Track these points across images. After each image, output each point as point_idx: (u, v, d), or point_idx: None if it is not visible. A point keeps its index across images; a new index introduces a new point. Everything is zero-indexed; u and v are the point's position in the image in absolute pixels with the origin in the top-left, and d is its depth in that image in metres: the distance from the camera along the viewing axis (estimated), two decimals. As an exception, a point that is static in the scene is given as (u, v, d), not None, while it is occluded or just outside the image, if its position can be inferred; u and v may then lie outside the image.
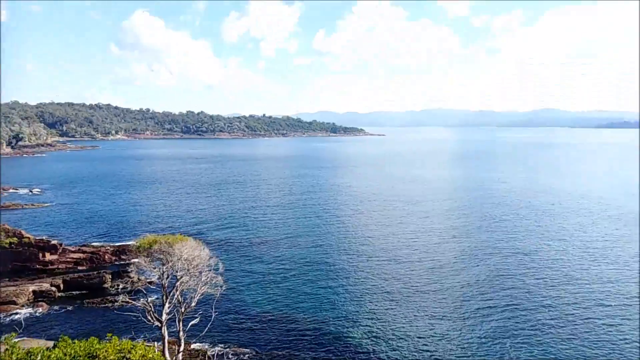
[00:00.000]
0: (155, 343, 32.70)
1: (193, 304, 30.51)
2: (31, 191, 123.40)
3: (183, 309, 30.46)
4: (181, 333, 29.96)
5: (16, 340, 36.95)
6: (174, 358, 30.17)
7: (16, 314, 48.56)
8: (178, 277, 30.64)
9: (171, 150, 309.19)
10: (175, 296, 30.10)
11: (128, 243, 72.02)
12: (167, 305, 29.41)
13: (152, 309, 29.02)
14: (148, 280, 55.53)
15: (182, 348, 30.03)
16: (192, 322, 32.18)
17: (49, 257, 64.25)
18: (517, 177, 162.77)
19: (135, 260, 35.40)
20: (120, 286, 55.39)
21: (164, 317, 28.91)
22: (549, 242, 76.86)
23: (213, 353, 38.57)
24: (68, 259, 65.30)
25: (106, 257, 66.80)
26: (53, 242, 67.57)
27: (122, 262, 64.54)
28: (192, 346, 40.19)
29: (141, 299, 30.83)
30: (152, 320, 28.66)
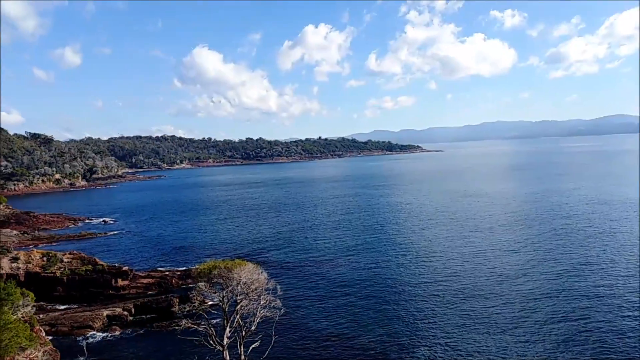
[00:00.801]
0: (219, 366, 33.57)
1: (253, 328, 31.18)
2: (104, 221, 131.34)
3: (244, 333, 31.19)
4: (243, 357, 30.63)
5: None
6: (237, 381, 30.83)
7: (92, 337, 51.50)
8: (238, 301, 31.50)
9: (232, 176, 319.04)
10: (236, 320, 30.92)
11: (194, 267, 74.69)
12: (228, 329, 30.27)
13: (214, 333, 29.97)
14: (210, 304, 57.25)
15: (244, 371, 30.66)
16: (253, 345, 32.79)
17: (121, 282, 67.83)
18: (583, 187, 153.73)
19: (198, 284, 36.78)
20: (187, 309, 57.43)
21: (225, 341, 29.76)
22: (625, 254, 71.73)
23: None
24: (138, 284, 68.61)
25: (173, 281, 69.61)
26: (124, 268, 71.32)
27: (189, 286, 66.94)
28: (255, 369, 40.80)
29: (203, 323, 31.89)
30: (214, 345, 29.59)
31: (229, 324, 30.99)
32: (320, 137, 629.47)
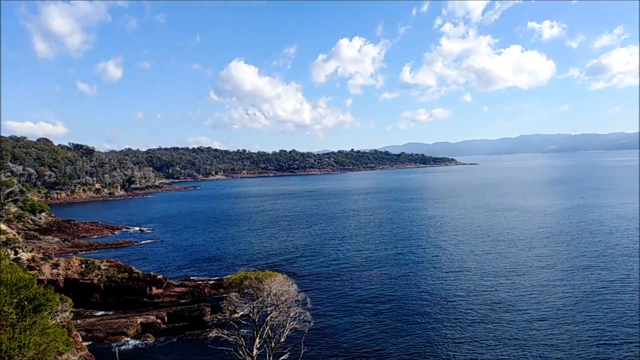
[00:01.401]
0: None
1: (282, 339, 31.09)
2: (140, 230, 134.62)
3: (273, 344, 31.13)
4: (271, 368, 30.54)
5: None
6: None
7: (126, 344, 52.54)
8: (268, 312, 31.55)
9: (265, 187, 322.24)
10: (266, 331, 30.95)
11: (226, 277, 75.30)
12: (257, 340, 30.29)
13: (244, 344, 30.05)
14: (240, 315, 57.55)
15: (273, 383, 30.54)
16: (282, 357, 32.70)
17: (155, 291, 69.06)
18: (625, 203, 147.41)
19: (229, 294, 37.02)
20: (218, 319, 57.80)
21: (255, 352, 29.76)
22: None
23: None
24: (172, 293, 69.71)
25: (206, 290, 70.38)
26: (159, 276, 72.60)
27: (220, 296, 67.54)
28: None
29: (233, 333, 32.05)
30: (243, 355, 29.65)
31: (258, 335, 31.02)
32: (352, 150, 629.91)
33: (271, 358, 30.60)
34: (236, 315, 57.66)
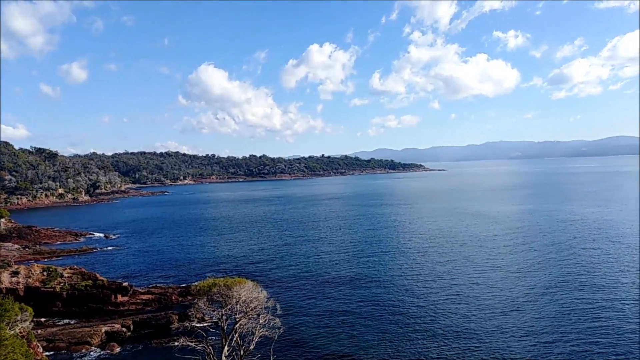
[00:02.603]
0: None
1: (252, 347, 30.81)
2: (106, 236, 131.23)
3: (242, 352, 30.81)
4: (240, 376, 30.19)
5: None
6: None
7: (90, 354, 50.93)
8: (237, 320, 31.21)
9: (234, 192, 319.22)
10: (234, 339, 30.59)
11: (194, 284, 74.15)
12: (226, 348, 29.92)
13: (212, 352, 29.63)
14: (209, 322, 56.78)
15: (241, 391, 30.19)
16: (251, 365, 32.41)
17: (120, 298, 67.43)
18: (587, 209, 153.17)
19: (197, 302, 36.49)
20: (185, 327, 56.86)
21: None
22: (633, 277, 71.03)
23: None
24: (138, 300, 68.19)
25: (173, 298, 69.14)
26: (124, 284, 70.92)
27: (189, 303, 66.46)
28: (253, 389, 40.14)
29: (201, 342, 31.56)
30: (211, 363, 29.26)
31: (227, 343, 30.65)
32: (323, 155, 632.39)
33: (240, 366, 30.28)
34: (204, 323, 56.89)
